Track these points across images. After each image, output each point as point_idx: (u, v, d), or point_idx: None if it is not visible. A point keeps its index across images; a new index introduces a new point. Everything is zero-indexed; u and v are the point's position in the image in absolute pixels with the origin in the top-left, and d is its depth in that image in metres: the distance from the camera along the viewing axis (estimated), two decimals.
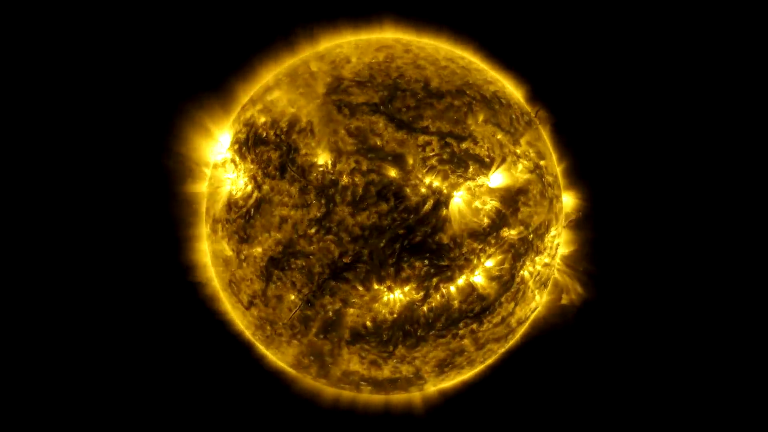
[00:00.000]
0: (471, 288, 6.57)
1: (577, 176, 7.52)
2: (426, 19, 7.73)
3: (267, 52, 7.76)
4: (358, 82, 6.58)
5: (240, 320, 7.18)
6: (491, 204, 6.46)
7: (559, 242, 7.43)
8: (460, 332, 6.80)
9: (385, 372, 7.04)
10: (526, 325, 7.56)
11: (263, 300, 6.59)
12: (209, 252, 7.24)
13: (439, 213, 6.22)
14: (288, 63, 7.54)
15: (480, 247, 6.44)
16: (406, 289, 6.34)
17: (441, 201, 6.22)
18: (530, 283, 7.11)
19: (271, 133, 6.48)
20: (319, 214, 6.13)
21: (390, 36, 7.63)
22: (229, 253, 6.63)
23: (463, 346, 7.01)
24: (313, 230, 6.17)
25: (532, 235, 6.85)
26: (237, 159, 6.65)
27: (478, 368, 7.67)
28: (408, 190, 6.16)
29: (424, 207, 6.17)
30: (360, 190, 6.10)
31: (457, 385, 7.87)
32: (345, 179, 6.12)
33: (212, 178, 7.06)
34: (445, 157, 6.32)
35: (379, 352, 6.74)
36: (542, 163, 7.11)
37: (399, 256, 6.18)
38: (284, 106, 6.60)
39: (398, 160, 6.18)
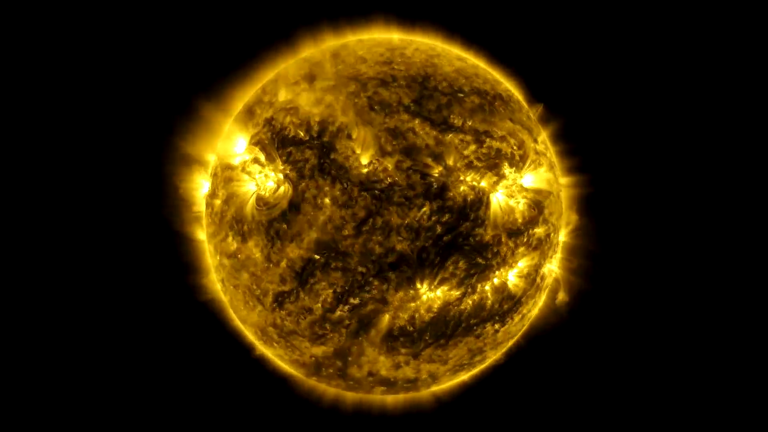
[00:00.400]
0: (504, 287, 6.65)
1: (578, 172, 7.66)
2: (420, 19, 7.74)
3: (266, 51, 7.61)
4: (382, 80, 6.52)
5: (253, 321, 6.93)
6: (524, 202, 6.57)
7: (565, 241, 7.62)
8: (485, 331, 6.86)
9: (407, 372, 7.00)
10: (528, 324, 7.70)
11: (293, 301, 6.39)
12: (218, 254, 6.96)
13: (480, 212, 6.26)
14: (291, 62, 7.36)
15: (515, 245, 6.53)
16: (445, 288, 6.33)
17: (482, 200, 6.26)
18: (547, 281, 7.27)
19: (302, 132, 6.30)
20: (362, 214, 6.03)
21: (392, 36, 7.60)
22: (256, 254, 6.39)
23: (483, 346, 7.07)
24: (354, 231, 6.05)
25: (553, 233, 7.01)
26: (263, 159, 6.41)
27: (480, 368, 7.73)
28: (450, 188, 6.16)
29: (466, 206, 6.19)
30: (404, 190, 6.05)
31: (457, 385, 7.90)
32: (388, 179, 6.05)
33: (226, 179, 6.76)
34: (480, 155, 6.36)
35: (408, 353, 6.70)
36: (554, 161, 7.31)
37: (442, 255, 6.17)
38: (310, 105, 6.44)
39: (439, 159, 6.17)
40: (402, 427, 7.91)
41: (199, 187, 7.45)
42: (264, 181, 6.38)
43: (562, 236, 7.45)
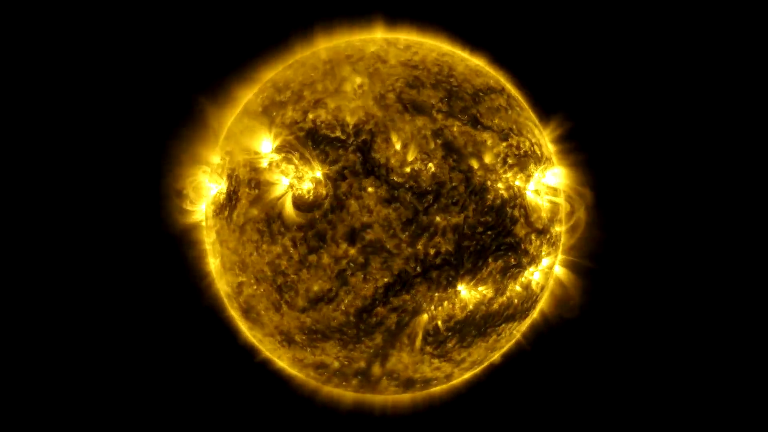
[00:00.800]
0: (528, 285, 6.83)
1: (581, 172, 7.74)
2: (415, 19, 7.75)
3: (266, 50, 7.49)
4: (407, 80, 6.54)
5: (276, 324, 6.71)
6: (547, 200, 6.77)
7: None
8: (506, 329, 7.02)
9: (426, 372, 7.04)
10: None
11: (328, 302, 6.26)
12: (237, 256, 6.70)
13: (516, 211, 6.41)
14: (303, 61, 7.21)
15: (540, 243, 6.73)
16: (481, 287, 6.43)
17: (516, 198, 6.41)
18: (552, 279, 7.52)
19: (338, 132, 6.20)
20: (408, 214, 6.01)
21: (398, 36, 7.59)
22: (291, 254, 6.21)
23: (498, 345, 7.22)
24: (400, 231, 6.02)
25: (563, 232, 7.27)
26: (296, 160, 6.24)
27: (484, 366, 7.86)
28: (490, 188, 6.27)
29: (504, 205, 6.31)
30: (449, 190, 6.09)
31: (459, 384, 7.97)
32: (432, 178, 6.07)
33: (251, 180, 6.51)
34: (511, 154, 6.51)
35: (437, 353, 6.74)
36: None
37: (483, 255, 6.26)
38: (340, 105, 6.34)
39: (477, 158, 6.26)
40: (403, 427, 7.89)
41: (199, 190, 7.21)
42: (299, 181, 6.21)
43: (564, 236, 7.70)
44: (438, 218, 6.05)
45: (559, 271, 7.48)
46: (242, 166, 6.57)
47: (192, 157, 7.24)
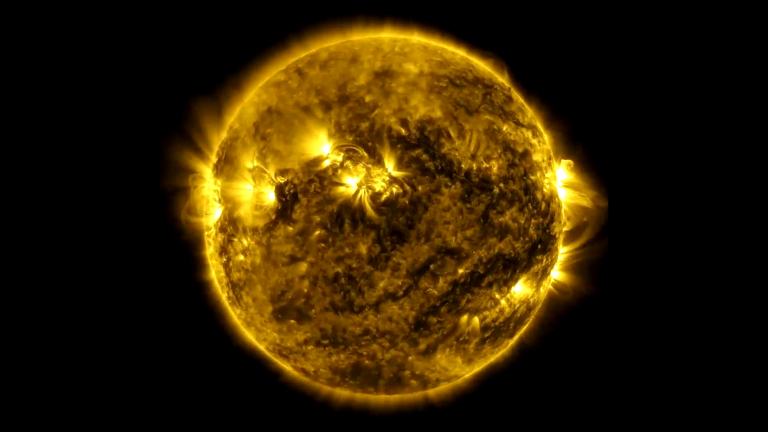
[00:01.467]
0: (549, 282, 7.31)
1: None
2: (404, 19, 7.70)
3: (263, 52, 7.42)
4: (450, 80, 6.70)
5: (320, 325, 6.53)
6: (567, 199, 7.30)
7: None
8: (524, 329, 7.45)
9: (453, 371, 7.24)
10: None
11: (396, 301, 6.25)
12: (288, 257, 6.43)
13: (555, 209, 6.85)
14: (310, 61, 7.17)
15: (563, 241, 7.25)
16: (528, 286, 6.77)
17: (553, 197, 6.85)
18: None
19: (402, 130, 6.24)
20: (482, 212, 6.20)
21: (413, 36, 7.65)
22: (361, 251, 6.12)
23: (509, 344, 7.62)
24: (470, 232, 6.19)
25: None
26: (364, 160, 6.17)
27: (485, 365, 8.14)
28: (540, 187, 6.66)
29: (549, 204, 6.73)
30: (513, 190, 6.38)
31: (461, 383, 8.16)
32: (496, 177, 6.32)
33: (312, 180, 6.31)
34: (545, 152, 6.96)
35: (472, 350, 6.96)
36: None
37: (534, 254, 6.62)
38: (391, 103, 6.40)
39: (530, 157, 6.62)
40: (403, 426, 7.95)
41: (204, 195, 7.00)
42: (370, 181, 6.13)
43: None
44: (505, 217, 6.31)
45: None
46: (296, 167, 6.31)
47: (191, 162, 7.03)
